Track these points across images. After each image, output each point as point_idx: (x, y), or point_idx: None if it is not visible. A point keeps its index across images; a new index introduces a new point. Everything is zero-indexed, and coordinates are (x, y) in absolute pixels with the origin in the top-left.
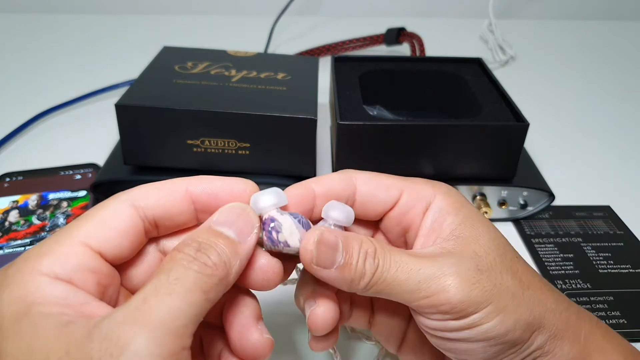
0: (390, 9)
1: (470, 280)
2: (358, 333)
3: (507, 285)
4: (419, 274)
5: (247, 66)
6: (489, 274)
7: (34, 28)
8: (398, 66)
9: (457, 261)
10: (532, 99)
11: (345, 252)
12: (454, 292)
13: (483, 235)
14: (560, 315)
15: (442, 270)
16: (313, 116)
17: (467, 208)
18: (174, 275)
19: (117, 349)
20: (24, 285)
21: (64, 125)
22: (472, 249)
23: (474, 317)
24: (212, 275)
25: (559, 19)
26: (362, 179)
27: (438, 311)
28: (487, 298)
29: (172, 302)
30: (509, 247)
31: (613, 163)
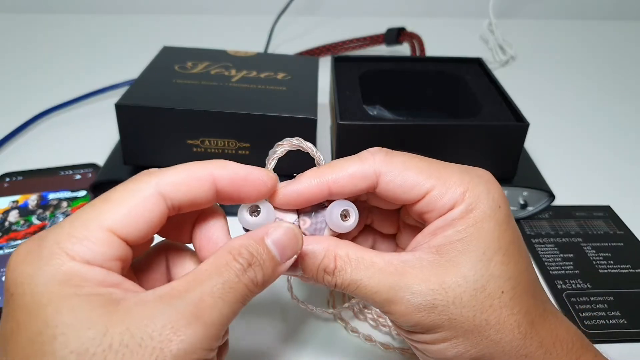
0: (390, 9)
1: (420, 311)
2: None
3: (462, 322)
4: (375, 296)
5: (247, 66)
6: (444, 308)
7: (34, 28)
8: (398, 66)
9: (417, 288)
10: (532, 99)
11: (302, 268)
12: (404, 317)
13: (466, 264)
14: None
15: (398, 296)
16: (313, 116)
17: (476, 227)
18: (228, 284)
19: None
20: (64, 269)
21: (64, 125)
22: (442, 278)
23: (422, 337)
24: (254, 292)
25: (559, 18)
26: (387, 175)
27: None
28: (435, 327)
29: (223, 308)
30: (493, 281)
31: (613, 163)
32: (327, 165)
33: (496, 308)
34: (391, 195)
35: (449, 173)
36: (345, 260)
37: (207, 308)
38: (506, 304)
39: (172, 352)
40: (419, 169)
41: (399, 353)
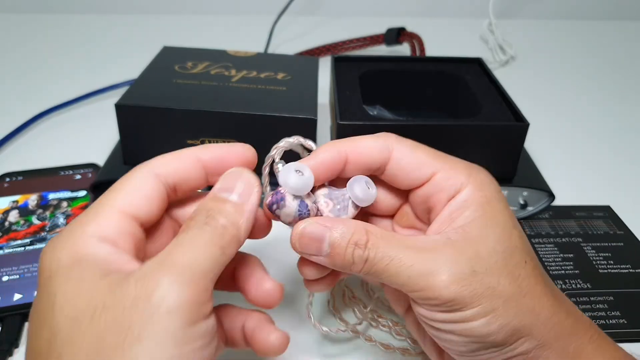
0: (390, 9)
1: (461, 280)
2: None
3: (500, 290)
4: (410, 270)
5: (247, 66)
6: (483, 276)
7: (34, 28)
8: (398, 66)
9: (454, 258)
10: (532, 99)
11: (331, 244)
12: (443, 290)
13: (492, 236)
14: (552, 326)
15: (435, 267)
16: (313, 116)
17: (490, 206)
18: (191, 235)
19: (147, 290)
20: (75, 244)
21: (64, 125)
22: (475, 248)
23: (461, 314)
24: (223, 234)
25: (559, 19)
26: (399, 151)
27: (427, 303)
28: (476, 299)
29: (194, 252)
30: (517, 252)
31: (613, 163)
32: (343, 139)
33: (525, 277)
34: (401, 173)
35: (453, 160)
36: (378, 235)
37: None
38: (530, 273)
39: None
40: (427, 152)
41: (399, 353)
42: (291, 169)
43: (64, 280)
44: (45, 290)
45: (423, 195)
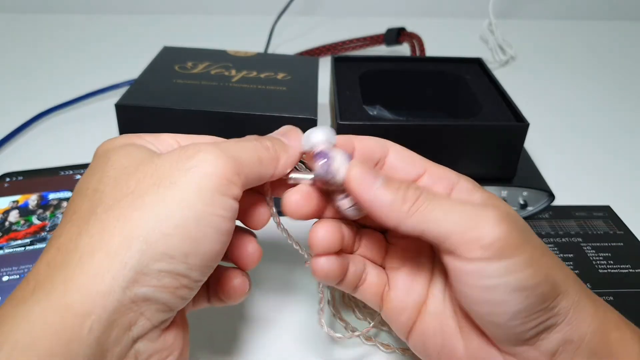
0: (390, 9)
1: (511, 225)
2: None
3: (534, 244)
4: (463, 207)
5: (247, 66)
6: (523, 229)
7: (34, 28)
8: (398, 66)
9: (499, 208)
10: (532, 98)
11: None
12: (495, 227)
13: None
14: (580, 287)
15: (485, 209)
16: (313, 116)
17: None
18: (239, 140)
19: (188, 153)
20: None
21: (64, 125)
22: (508, 210)
23: (510, 263)
24: (267, 149)
25: (559, 19)
26: (394, 149)
27: (478, 246)
28: (522, 244)
29: (237, 147)
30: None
31: (613, 163)
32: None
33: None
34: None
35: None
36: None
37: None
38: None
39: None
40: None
41: (399, 353)
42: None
43: (118, 150)
44: (98, 160)
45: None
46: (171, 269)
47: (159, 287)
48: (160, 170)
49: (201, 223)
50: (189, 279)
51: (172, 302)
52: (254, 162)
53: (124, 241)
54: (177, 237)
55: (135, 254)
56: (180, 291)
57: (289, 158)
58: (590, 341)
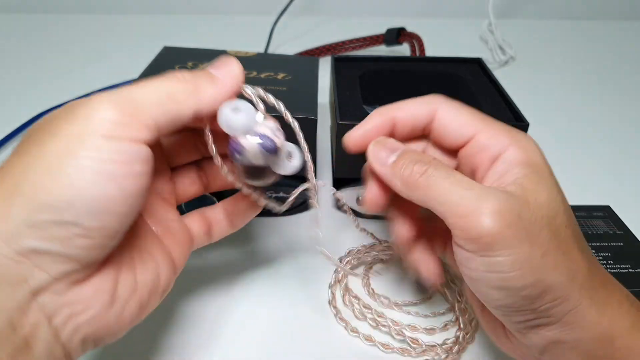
0: (390, 9)
1: (508, 221)
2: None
3: (540, 242)
4: (464, 191)
5: (248, 66)
6: (528, 224)
7: (35, 28)
8: (398, 66)
9: (506, 198)
10: (532, 99)
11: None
12: (486, 220)
13: (544, 192)
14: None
15: (487, 198)
16: (313, 116)
17: (538, 166)
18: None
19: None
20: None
21: None
22: (527, 198)
23: (495, 261)
24: (179, 81)
25: (559, 19)
26: (443, 110)
27: (466, 237)
28: (516, 243)
29: (135, 86)
30: (563, 212)
31: (613, 163)
32: (392, 104)
33: (564, 238)
34: (444, 133)
35: (497, 123)
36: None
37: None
38: (570, 236)
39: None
40: (471, 113)
41: (399, 353)
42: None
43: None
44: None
45: (467, 156)
46: (56, 218)
47: (46, 238)
48: (50, 123)
49: (85, 170)
50: (81, 228)
51: (70, 253)
52: (160, 99)
53: (5, 194)
54: (58, 187)
55: (17, 207)
56: (76, 241)
57: (215, 90)
58: (587, 345)
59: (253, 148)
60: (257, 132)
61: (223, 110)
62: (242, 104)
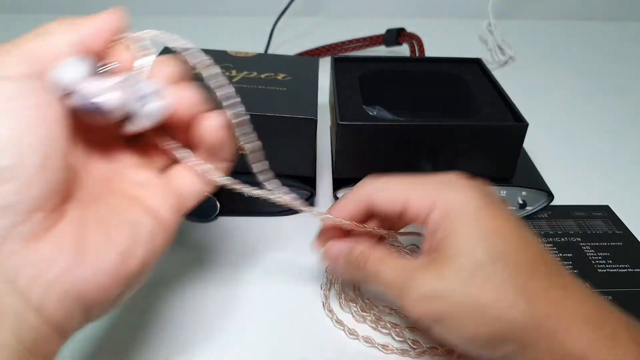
0: (389, 9)
1: (426, 298)
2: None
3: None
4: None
5: (248, 67)
6: (453, 287)
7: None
8: (398, 67)
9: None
10: (531, 99)
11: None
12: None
13: (458, 253)
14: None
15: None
16: (313, 116)
17: (455, 222)
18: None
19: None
20: None
21: None
22: (441, 270)
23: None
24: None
25: (559, 19)
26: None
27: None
28: (442, 313)
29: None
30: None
31: (612, 163)
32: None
33: (490, 289)
34: (382, 210)
35: (423, 184)
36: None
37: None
38: (501, 283)
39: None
40: (397, 184)
41: (398, 354)
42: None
43: None
44: None
45: (409, 222)
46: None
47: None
48: None
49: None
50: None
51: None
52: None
53: None
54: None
55: None
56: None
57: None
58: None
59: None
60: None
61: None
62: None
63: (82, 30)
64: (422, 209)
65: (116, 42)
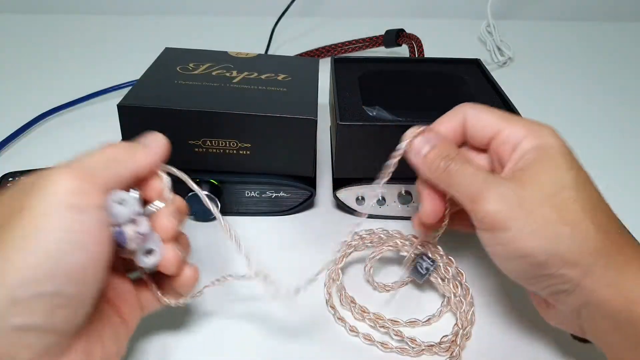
0: (389, 10)
1: (504, 202)
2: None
3: (541, 216)
4: (474, 182)
5: (248, 67)
6: (528, 203)
7: (37, 29)
8: (397, 67)
9: (505, 184)
10: (530, 99)
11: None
12: (487, 204)
13: (547, 172)
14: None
15: (489, 187)
16: (313, 117)
17: (548, 149)
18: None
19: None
20: None
21: (67, 126)
22: (526, 180)
23: (500, 236)
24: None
25: (557, 20)
26: (469, 116)
27: (477, 218)
28: (515, 219)
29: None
30: (570, 188)
31: (611, 163)
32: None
33: (570, 210)
34: (473, 135)
35: (517, 119)
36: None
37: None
38: (578, 209)
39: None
40: (491, 114)
41: (398, 352)
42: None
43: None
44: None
45: (494, 150)
46: (39, 291)
47: (31, 313)
48: (14, 199)
49: (58, 242)
50: (62, 297)
51: (52, 325)
52: (107, 162)
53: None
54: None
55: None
56: (56, 312)
57: (146, 152)
58: (610, 308)
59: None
60: (118, 225)
61: (109, 197)
62: (126, 196)
63: (140, 163)
64: (515, 135)
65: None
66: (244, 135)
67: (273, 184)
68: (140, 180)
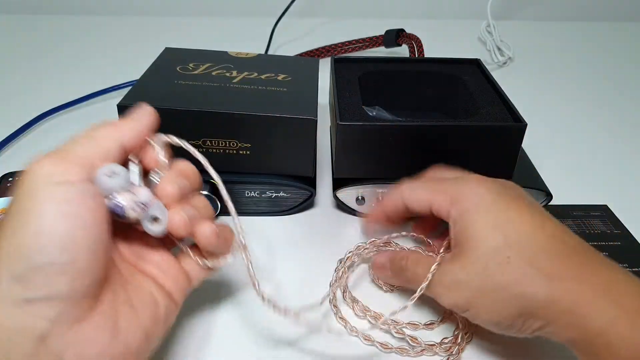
0: (389, 10)
1: (457, 292)
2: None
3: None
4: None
5: (248, 67)
6: (474, 283)
7: (37, 29)
8: (397, 67)
9: (452, 271)
10: (529, 99)
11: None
12: (443, 299)
13: (476, 246)
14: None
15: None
16: (313, 117)
17: (471, 217)
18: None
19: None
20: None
21: (67, 126)
22: (467, 261)
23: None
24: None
25: (557, 20)
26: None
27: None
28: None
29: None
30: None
31: (610, 163)
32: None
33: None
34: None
35: (444, 187)
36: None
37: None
38: (518, 265)
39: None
40: (423, 188)
41: (397, 352)
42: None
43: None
44: None
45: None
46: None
47: (33, 287)
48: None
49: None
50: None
51: (57, 294)
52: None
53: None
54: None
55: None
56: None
57: (133, 123)
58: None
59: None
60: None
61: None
62: (118, 169)
63: (123, 133)
64: (443, 207)
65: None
66: (244, 135)
67: (273, 184)
68: (134, 150)
